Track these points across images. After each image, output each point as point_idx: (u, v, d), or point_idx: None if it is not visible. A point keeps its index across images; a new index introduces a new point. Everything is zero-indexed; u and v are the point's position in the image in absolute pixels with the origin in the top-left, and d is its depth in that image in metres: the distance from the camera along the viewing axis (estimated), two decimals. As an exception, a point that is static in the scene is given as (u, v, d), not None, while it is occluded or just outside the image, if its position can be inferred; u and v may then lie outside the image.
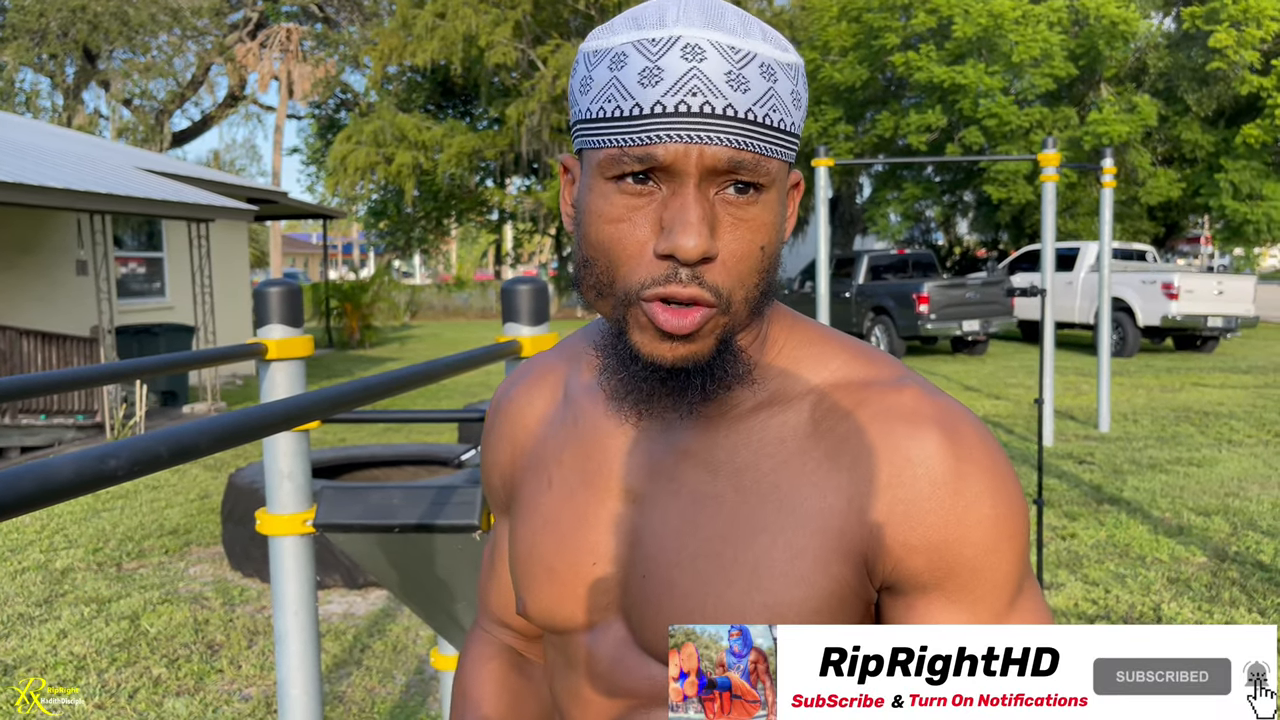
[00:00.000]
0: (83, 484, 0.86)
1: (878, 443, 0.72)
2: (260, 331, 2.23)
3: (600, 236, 0.71)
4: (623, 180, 0.69)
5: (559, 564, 0.81)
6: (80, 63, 26.82)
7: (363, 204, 26.85)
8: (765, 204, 0.70)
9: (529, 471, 0.87)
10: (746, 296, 0.71)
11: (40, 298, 10.73)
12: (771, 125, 0.69)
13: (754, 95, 0.67)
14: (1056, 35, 17.07)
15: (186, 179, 13.03)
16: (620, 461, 0.80)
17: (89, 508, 6.23)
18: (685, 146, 0.67)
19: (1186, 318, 13.60)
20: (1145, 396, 10.05)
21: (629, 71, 0.68)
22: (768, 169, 0.69)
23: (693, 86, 0.66)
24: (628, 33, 0.69)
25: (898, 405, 0.73)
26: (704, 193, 0.68)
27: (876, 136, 19.16)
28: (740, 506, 0.74)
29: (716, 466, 0.76)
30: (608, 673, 0.80)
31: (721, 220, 0.69)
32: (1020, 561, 0.73)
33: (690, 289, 0.68)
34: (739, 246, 0.69)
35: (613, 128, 0.69)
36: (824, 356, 0.78)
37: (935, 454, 0.71)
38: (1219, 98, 17.08)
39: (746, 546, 0.73)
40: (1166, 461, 6.87)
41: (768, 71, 0.68)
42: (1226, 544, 4.93)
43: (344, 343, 19.09)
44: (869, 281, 15.48)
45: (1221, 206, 17.43)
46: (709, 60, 0.66)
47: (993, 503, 0.71)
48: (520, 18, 20.39)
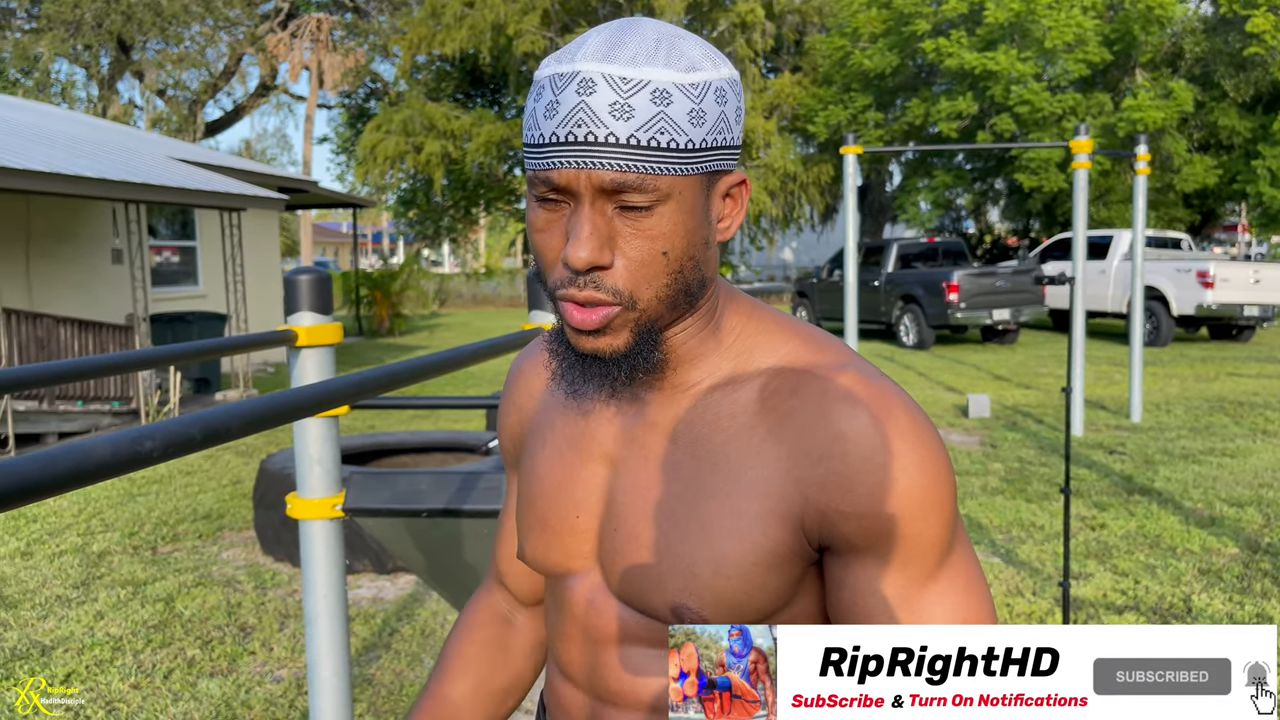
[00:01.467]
0: (119, 464, 0.89)
1: (815, 420, 0.80)
2: (290, 319, 2.26)
3: (532, 243, 0.83)
4: (541, 199, 0.80)
5: (550, 516, 0.93)
6: (115, 53, 27.12)
7: (392, 193, 27.00)
8: (662, 215, 0.78)
9: (532, 434, 0.99)
10: (657, 295, 0.80)
11: (77, 286, 10.89)
12: (659, 146, 0.76)
13: (637, 122, 0.75)
14: (1091, 20, 16.83)
15: (219, 168, 13.16)
16: (601, 430, 0.91)
17: (125, 492, 6.34)
18: (575, 171, 0.76)
19: (1222, 307, 13.40)
20: (1179, 386, 9.93)
21: (540, 104, 0.78)
22: (656, 185, 0.77)
23: (579, 118, 0.76)
24: (551, 67, 0.79)
25: (836, 387, 0.81)
26: (599, 209, 0.78)
27: (906, 124, 19.01)
28: (695, 472, 0.84)
29: (677, 436, 0.86)
30: (584, 614, 0.91)
31: (621, 231, 0.78)
32: (947, 527, 0.80)
33: (586, 292, 0.79)
34: (638, 254, 0.78)
35: (529, 153, 0.80)
36: (776, 342, 0.87)
37: (866, 430, 0.79)
38: (1256, 83, 16.78)
39: (697, 506, 0.83)
40: (1199, 452, 6.79)
41: (661, 97, 0.76)
42: (1259, 535, 4.88)
43: (374, 331, 19.24)
44: (898, 270, 15.38)
45: (1259, 194, 17.15)
46: (597, 94, 0.75)
47: (919, 474, 0.79)
48: (548, 6, 20.38)
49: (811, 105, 20.37)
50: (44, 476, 0.83)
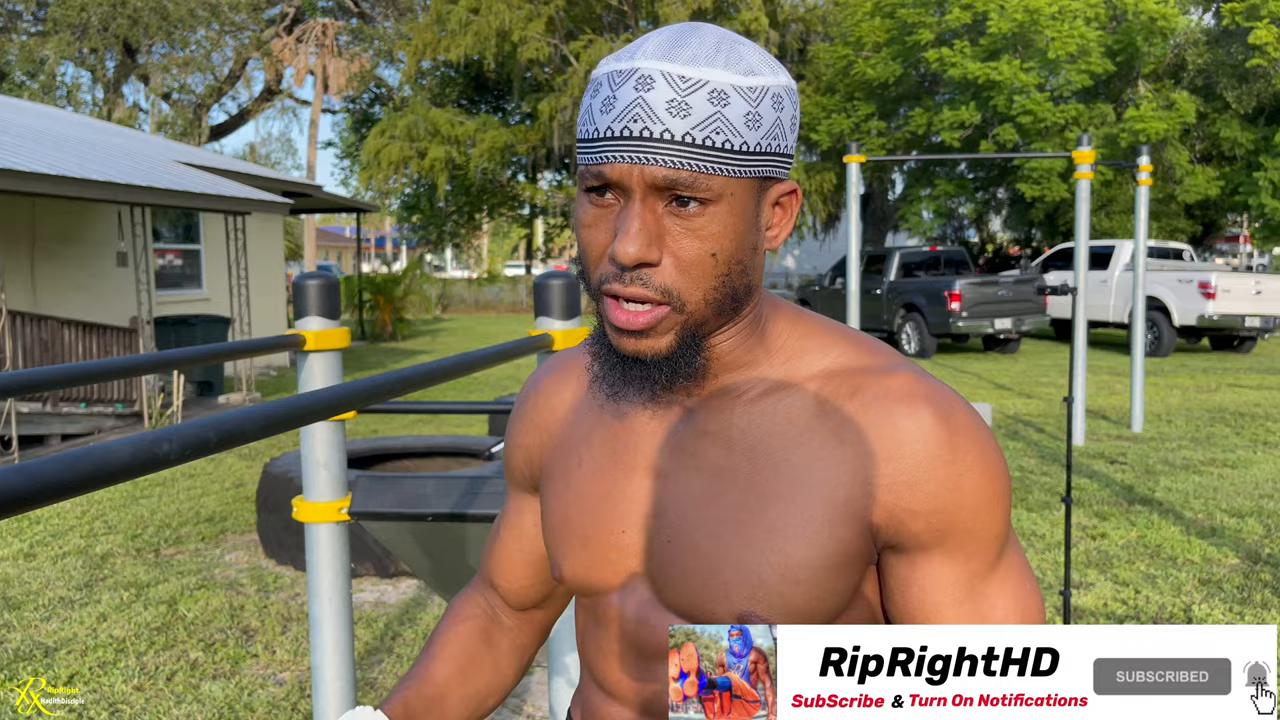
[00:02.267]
0: (138, 466, 0.91)
1: (878, 421, 0.81)
2: (299, 323, 2.28)
3: (579, 239, 0.83)
4: (590, 193, 0.81)
5: (592, 533, 0.91)
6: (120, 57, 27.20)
7: (396, 198, 27.07)
8: (713, 215, 0.78)
9: (558, 452, 0.97)
10: (705, 298, 0.80)
11: (82, 288, 10.92)
12: (713, 146, 0.76)
13: (695, 119, 0.76)
14: (1094, 31, 16.88)
15: (223, 172, 13.20)
16: (645, 441, 0.90)
17: (128, 495, 6.36)
18: (628, 166, 0.77)
19: (1223, 317, 13.42)
20: (1180, 397, 9.94)
21: (597, 100, 0.79)
22: (709, 185, 0.77)
23: (635, 113, 0.76)
24: (609, 64, 0.80)
25: (894, 388, 0.82)
26: (650, 205, 0.78)
27: (909, 133, 19.06)
28: (755, 478, 0.84)
29: (732, 444, 0.85)
30: (634, 630, 0.90)
31: (670, 230, 0.78)
32: (1005, 521, 0.83)
33: (632, 288, 0.79)
34: (687, 253, 0.78)
35: (583, 148, 0.80)
36: (825, 346, 0.87)
37: (930, 429, 0.80)
38: (1259, 95, 16.82)
39: (762, 512, 0.83)
40: (1200, 462, 6.80)
41: (718, 97, 0.76)
42: (1260, 546, 4.89)
43: (376, 335, 19.27)
44: (900, 278, 15.39)
45: (1260, 205, 17.17)
46: (655, 90, 0.76)
47: (982, 470, 0.81)
48: (553, 13, 20.45)
49: (815, 113, 20.41)
50: (67, 477, 0.84)
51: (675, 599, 0.86)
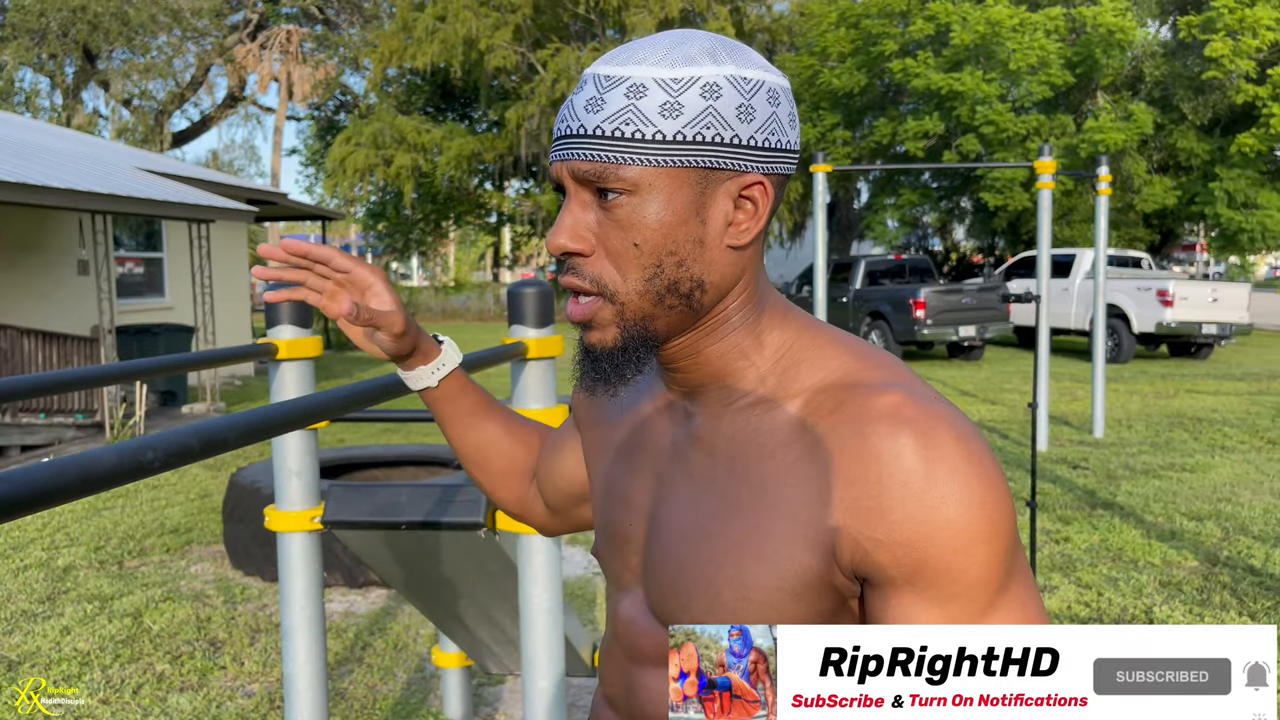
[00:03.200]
0: (123, 474, 0.91)
1: (851, 441, 0.75)
2: (271, 332, 2.27)
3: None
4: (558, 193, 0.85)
5: (610, 520, 0.95)
6: (80, 62, 26.84)
7: (361, 206, 26.89)
8: (633, 206, 0.78)
9: (596, 426, 1.03)
10: (636, 289, 0.80)
11: (42, 296, 10.76)
12: (622, 136, 0.77)
13: (605, 114, 0.77)
14: (1054, 43, 17.15)
15: (187, 179, 13.06)
16: (650, 441, 0.92)
17: (89, 507, 6.27)
18: (559, 164, 0.82)
19: (1181, 325, 13.67)
20: (1139, 402, 10.11)
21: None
22: (620, 174, 0.78)
23: (564, 115, 0.81)
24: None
25: (877, 406, 0.76)
26: (581, 200, 0.81)
27: (874, 142, 19.24)
28: (729, 489, 0.82)
29: (716, 451, 0.84)
30: (625, 633, 0.91)
31: (601, 222, 0.80)
32: (997, 565, 0.73)
33: (568, 278, 0.82)
34: (612, 244, 0.80)
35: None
36: (825, 357, 0.83)
37: (904, 453, 0.72)
38: (1215, 106, 17.16)
39: (728, 524, 0.81)
40: (1160, 467, 6.92)
41: (634, 91, 0.77)
42: (1218, 548, 4.98)
43: (342, 344, 19.11)
44: (866, 286, 15.53)
45: (1216, 215, 17.51)
46: (583, 91, 0.80)
47: (962, 504, 0.72)
48: (520, 21, 20.45)
49: (781, 123, 20.51)
50: (52, 485, 0.85)
51: (655, 603, 0.87)
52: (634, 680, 0.90)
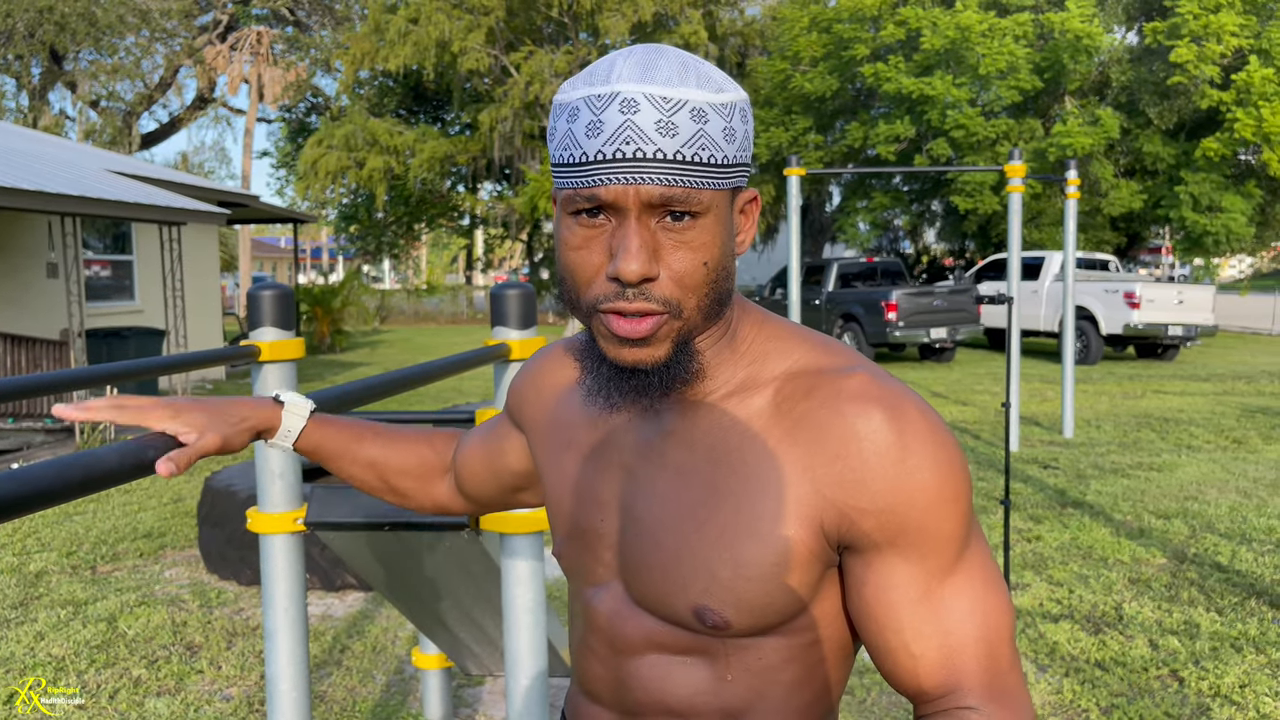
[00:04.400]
0: (125, 472, 0.93)
1: (829, 421, 0.83)
2: (253, 334, 2.28)
3: (566, 261, 0.84)
4: (580, 215, 0.82)
5: (578, 519, 0.96)
6: (46, 63, 26.50)
7: (333, 208, 26.73)
8: (703, 227, 0.82)
9: (551, 426, 1.03)
10: (698, 304, 0.83)
11: (9, 300, 10.63)
12: (701, 162, 0.80)
13: (683, 138, 0.79)
14: (1022, 49, 17.35)
15: (157, 181, 12.94)
16: (620, 438, 0.94)
17: (61, 511, 6.21)
18: (623, 187, 0.79)
19: (1148, 326, 13.86)
20: (1108, 403, 10.25)
21: (579, 124, 0.81)
22: (699, 199, 0.80)
23: (627, 136, 0.79)
24: (582, 89, 0.81)
25: (847, 388, 0.84)
26: (644, 223, 0.80)
27: (846, 146, 19.38)
28: (714, 476, 0.87)
29: (694, 443, 0.89)
30: (606, 625, 0.94)
31: (664, 244, 0.81)
32: (963, 521, 0.83)
33: (636, 304, 0.81)
34: (681, 265, 0.81)
35: (569, 172, 0.82)
36: (788, 349, 0.90)
37: (880, 428, 0.82)
38: (1180, 111, 17.43)
39: (717, 509, 0.86)
40: (1128, 466, 7.03)
41: (699, 115, 0.80)
42: (1185, 546, 5.08)
43: (314, 347, 19.00)
44: (838, 289, 15.64)
45: (1182, 218, 17.76)
46: (642, 112, 0.79)
47: (933, 469, 0.81)
48: (493, 24, 20.42)
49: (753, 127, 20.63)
50: (57, 484, 0.86)
51: (642, 594, 0.90)
52: (623, 672, 0.93)
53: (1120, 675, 3.55)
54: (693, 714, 0.90)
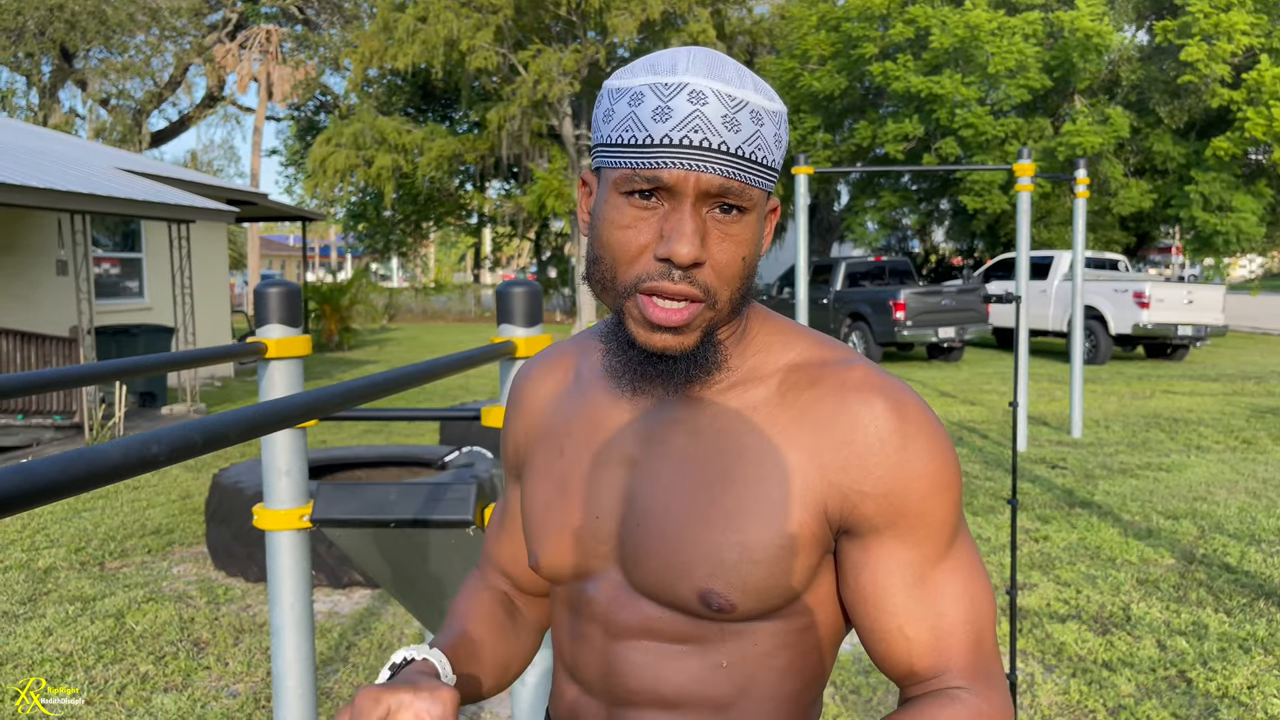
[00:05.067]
0: (128, 467, 0.93)
1: (834, 409, 0.87)
2: (260, 331, 2.28)
3: (611, 239, 0.86)
4: (633, 196, 0.84)
5: (570, 518, 0.96)
6: (57, 62, 26.60)
7: (342, 206, 26.78)
8: (747, 223, 0.85)
9: (542, 440, 1.02)
10: (731, 296, 0.86)
11: (19, 297, 10.67)
12: (756, 161, 0.84)
13: (744, 135, 0.83)
14: (1031, 47, 17.30)
15: (166, 179, 12.98)
16: (620, 431, 0.95)
17: (69, 508, 6.23)
18: (685, 172, 0.82)
19: (1157, 326, 13.81)
20: (1117, 403, 10.21)
21: (645, 108, 0.83)
22: (750, 195, 0.84)
23: (695, 124, 0.81)
24: (646, 76, 0.84)
25: (851, 379, 0.88)
26: (698, 210, 0.83)
27: (854, 145, 19.34)
28: (719, 463, 0.89)
29: (700, 431, 0.91)
30: (604, 613, 0.94)
31: (711, 233, 0.84)
32: (956, 509, 0.88)
33: (680, 286, 0.83)
34: (725, 256, 0.85)
35: (628, 152, 0.84)
36: (789, 343, 0.94)
37: (882, 417, 0.86)
38: (1190, 110, 17.36)
39: (724, 495, 0.88)
40: (1137, 466, 7.01)
41: (756, 117, 0.84)
42: (1194, 546, 5.06)
43: (322, 345, 19.04)
44: (846, 288, 15.61)
45: (1192, 217, 17.70)
46: (710, 105, 0.82)
47: (931, 456, 0.86)
48: (501, 22, 20.43)
49: (762, 125, 20.60)
50: (61, 479, 0.87)
51: (643, 580, 0.91)
52: (616, 658, 0.93)
53: (1128, 676, 3.53)
54: (684, 702, 0.91)
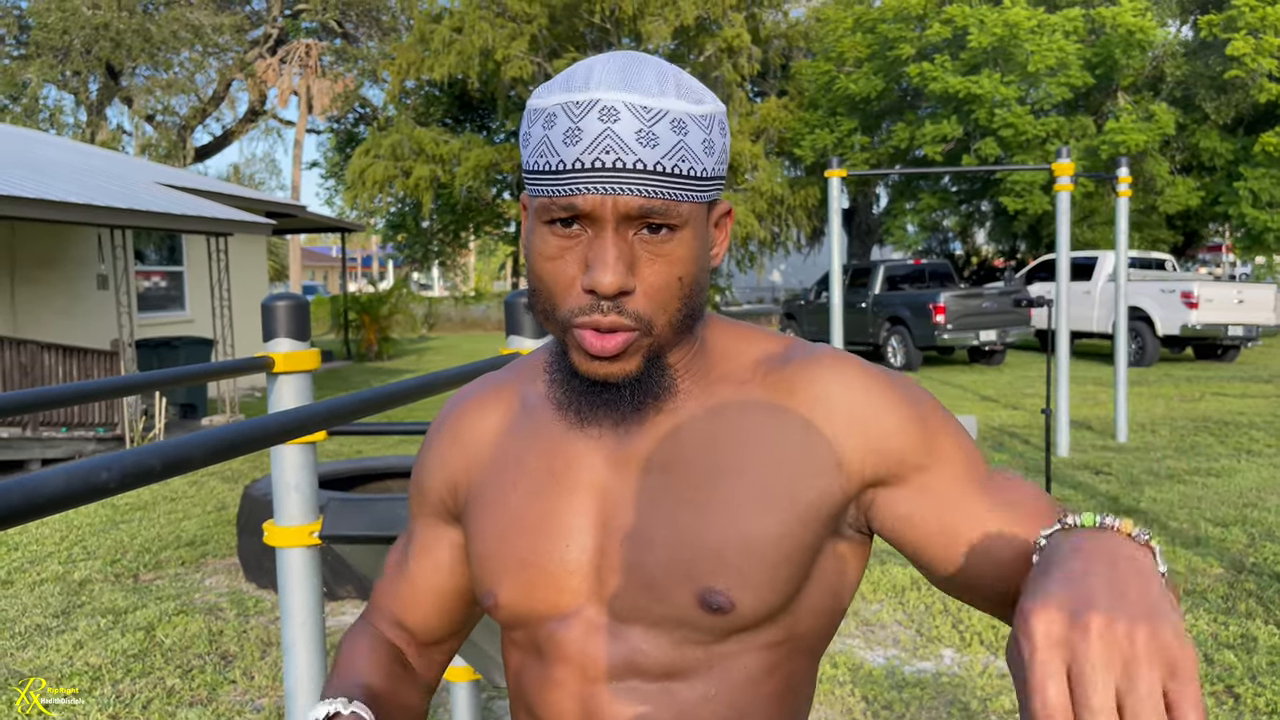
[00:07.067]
0: (72, 496, 0.88)
1: (811, 386, 0.85)
2: (268, 345, 2.25)
3: (540, 271, 0.82)
4: (554, 224, 0.80)
5: (531, 555, 0.88)
6: (103, 79, 27.15)
7: (381, 217, 27.02)
8: (680, 240, 0.80)
9: (488, 476, 0.94)
10: (670, 320, 0.81)
11: (61, 311, 10.85)
12: (680, 174, 0.78)
13: (663, 149, 0.77)
14: (1072, 44, 17.01)
15: (206, 193, 13.16)
16: (585, 457, 0.89)
17: (108, 519, 6.29)
18: (601, 197, 0.77)
19: (1206, 327, 13.49)
20: (1164, 406, 9.97)
21: (556, 131, 0.78)
22: (678, 211, 0.78)
23: (606, 145, 0.76)
24: (559, 95, 0.78)
25: (818, 358, 0.87)
26: (622, 235, 0.78)
27: (892, 147, 19.14)
28: (707, 460, 0.85)
29: (679, 434, 0.86)
30: (580, 654, 0.87)
31: (640, 257, 0.79)
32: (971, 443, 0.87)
33: (610, 318, 0.79)
34: (657, 279, 0.80)
35: (544, 180, 0.79)
36: (748, 340, 0.91)
37: (863, 376, 0.85)
38: (1237, 105, 16.97)
39: (716, 490, 0.84)
40: (1184, 472, 6.81)
41: (679, 126, 0.77)
42: (1244, 555, 4.89)
43: (362, 355, 19.20)
44: (885, 292, 15.44)
45: (1241, 215, 17.29)
46: (622, 121, 0.76)
47: (924, 395, 0.87)
48: (536, 31, 20.50)
49: (798, 129, 20.49)
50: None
51: (629, 603, 0.84)
52: (594, 701, 0.86)
53: (1172, 692, 3.40)
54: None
